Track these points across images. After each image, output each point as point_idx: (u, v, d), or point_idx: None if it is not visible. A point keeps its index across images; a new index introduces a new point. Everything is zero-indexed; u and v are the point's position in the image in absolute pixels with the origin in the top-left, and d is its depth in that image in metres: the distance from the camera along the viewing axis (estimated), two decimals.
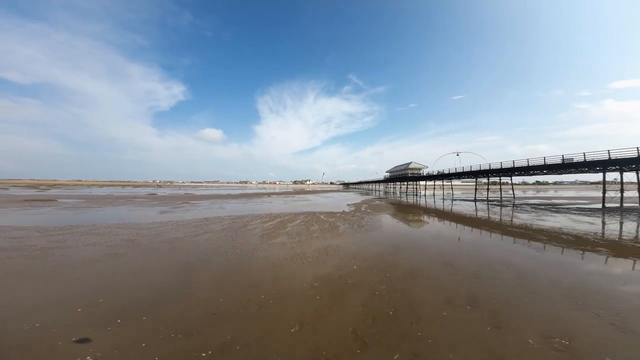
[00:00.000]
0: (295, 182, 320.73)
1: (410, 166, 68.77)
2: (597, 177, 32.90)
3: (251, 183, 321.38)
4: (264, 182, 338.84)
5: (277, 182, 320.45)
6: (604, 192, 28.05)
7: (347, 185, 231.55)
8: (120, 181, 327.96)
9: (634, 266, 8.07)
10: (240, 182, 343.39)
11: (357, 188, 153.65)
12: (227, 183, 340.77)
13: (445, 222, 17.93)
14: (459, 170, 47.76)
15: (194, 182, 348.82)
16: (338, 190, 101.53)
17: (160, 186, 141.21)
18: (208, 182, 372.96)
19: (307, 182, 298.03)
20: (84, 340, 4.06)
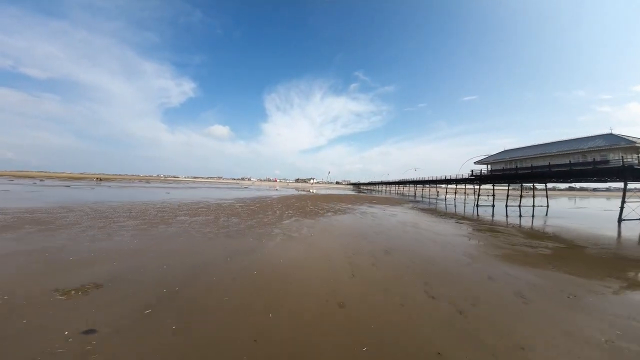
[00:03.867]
0: (297, 181, 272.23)
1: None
2: None
3: (249, 180, 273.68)
4: (267, 180, 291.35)
5: (278, 180, 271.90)
6: None
7: (357, 186, 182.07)
8: (94, 173, 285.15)
9: None
10: (240, 179, 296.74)
11: (377, 190, 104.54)
12: (232, 179, 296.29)
13: None
14: None
15: (195, 177, 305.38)
16: (355, 201, 52.65)
17: (101, 179, 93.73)
18: (212, 177, 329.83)
19: (311, 181, 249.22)
20: None
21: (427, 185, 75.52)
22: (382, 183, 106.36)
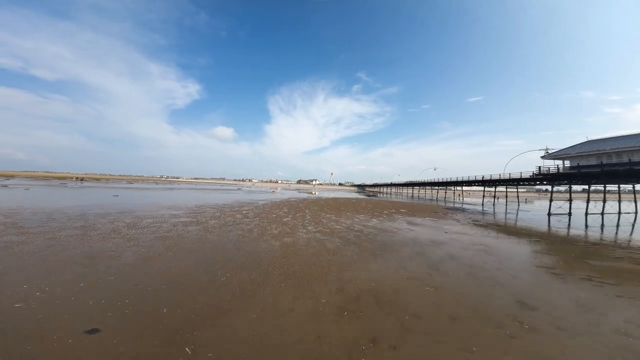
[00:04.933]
0: (299, 182, 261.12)
1: None
2: None
3: (250, 181, 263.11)
4: (268, 181, 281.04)
5: (279, 182, 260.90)
6: None
7: (362, 188, 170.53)
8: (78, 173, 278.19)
9: None
10: (241, 180, 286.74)
11: (387, 193, 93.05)
12: (234, 180, 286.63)
13: None
14: None
15: (196, 178, 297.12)
16: (376, 209, 41.66)
17: (83, 179, 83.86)
18: (214, 178, 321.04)
19: (314, 183, 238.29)
20: None
21: (450, 188, 64.25)
22: (392, 185, 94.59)
